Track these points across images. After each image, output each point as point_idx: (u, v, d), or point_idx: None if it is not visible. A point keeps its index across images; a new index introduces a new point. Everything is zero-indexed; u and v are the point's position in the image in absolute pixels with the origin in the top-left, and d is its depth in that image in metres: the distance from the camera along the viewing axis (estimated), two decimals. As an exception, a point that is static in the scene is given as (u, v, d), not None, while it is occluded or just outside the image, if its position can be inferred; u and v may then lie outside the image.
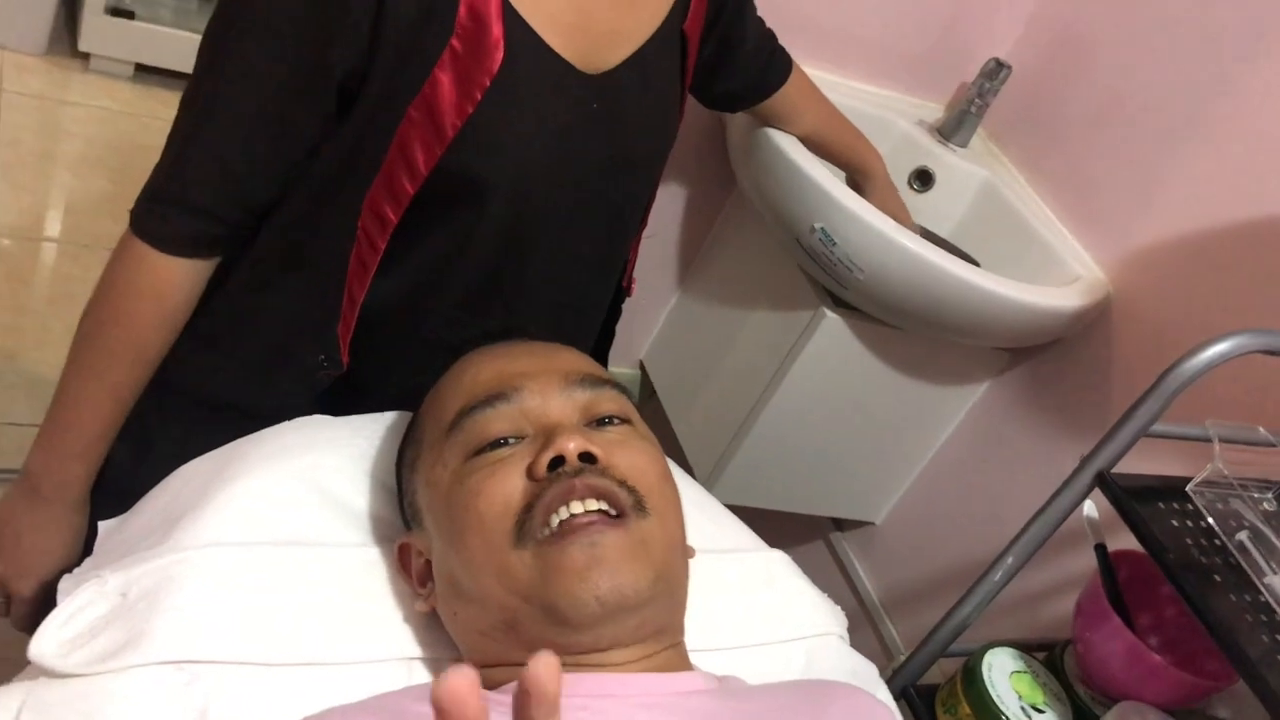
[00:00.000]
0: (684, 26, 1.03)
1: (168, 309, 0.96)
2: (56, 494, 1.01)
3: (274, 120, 0.90)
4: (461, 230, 0.96)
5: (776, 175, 1.48)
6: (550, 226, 1.01)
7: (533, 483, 0.81)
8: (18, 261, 2.22)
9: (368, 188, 0.92)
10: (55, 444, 1.00)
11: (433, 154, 0.90)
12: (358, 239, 0.95)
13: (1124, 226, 1.57)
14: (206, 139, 0.90)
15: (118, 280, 0.95)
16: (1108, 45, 1.64)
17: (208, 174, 0.92)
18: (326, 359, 0.99)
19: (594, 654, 0.80)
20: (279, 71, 0.87)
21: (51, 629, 0.81)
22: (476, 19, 0.87)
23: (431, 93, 0.88)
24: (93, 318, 0.97)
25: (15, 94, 2.58)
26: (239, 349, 1.01)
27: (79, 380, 0.99)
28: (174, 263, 0.94)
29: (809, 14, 1.63)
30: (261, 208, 0.95)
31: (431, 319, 1.02)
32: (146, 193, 0.94)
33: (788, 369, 1.65)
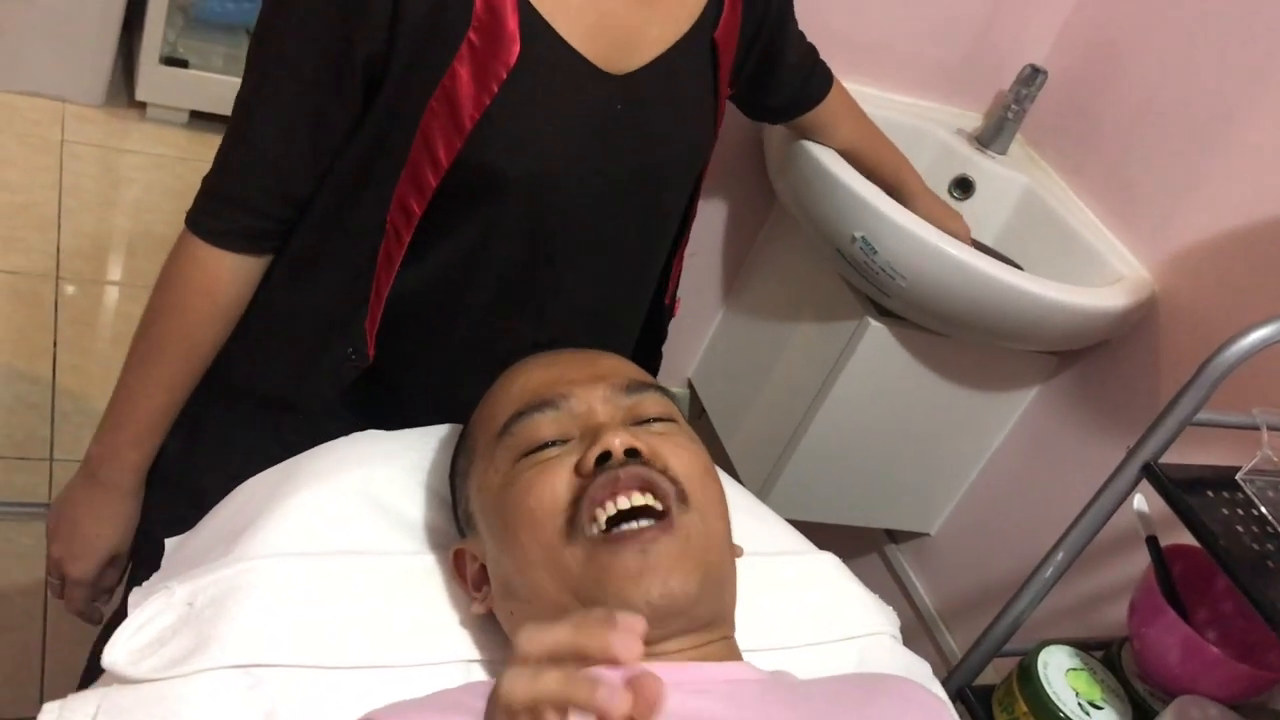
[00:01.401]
0: (714, 34, 1.05)
1: (219, 304, 1.01)
2: (113, 481, 1.06)
3: (310, 113, 0.94)
4: (483, 225, 0.99)
5: (815, 187, 1.50)
6: (577, 229, 1.03)
7: (580, 478, 0.83)
8: (82, 305, 2.29)
9: (395, 180, 0.96)
10: (113, 433, 1.05)
11: (453, 146, 0.93)
12: (385, 232, 0.98)
13: (1166, 225, 1.56)
14: (250, 136, 0.96)
15: (172, 275, 1.01)
16: (1142, 46, 1.64)
17: (252, 169, 0.96)
18: (354, 351, 1.03)
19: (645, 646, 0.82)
20: (309, 65, 0.92)
21: (123, 639, 0.85)
22: (492, 12, 0.90)
23: (451, 85, 0.91)
24: (149, 312, 1.03)
25: (76, 144, 2.67)
26: (278, 344, 1.05)
27: (135, 372, 1.04)
28: (225, 257, 0.99)
29: (845, 30, 1.65)
30: (303, 201, 0.99)
31: (461, 318, 1.04)
32: (202, 192, 0.99)
33: (834, 380, 1.66)
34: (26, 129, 2.65)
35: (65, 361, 2.13)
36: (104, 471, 1.06)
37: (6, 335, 2.13)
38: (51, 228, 2.41)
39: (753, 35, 1.14)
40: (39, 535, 1.80)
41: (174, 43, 2.76)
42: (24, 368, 2.08)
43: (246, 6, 2.81)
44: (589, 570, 0.80)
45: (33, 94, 2.72)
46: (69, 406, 2.04)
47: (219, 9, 2.80)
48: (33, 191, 2.48)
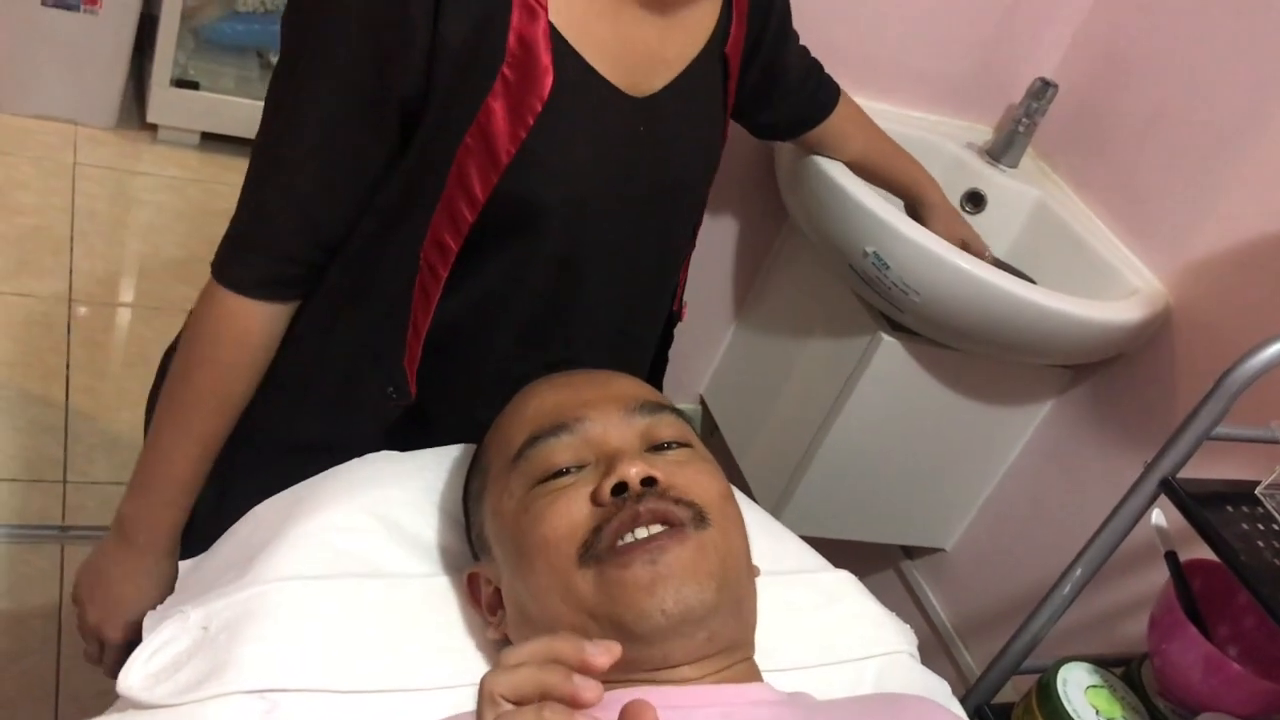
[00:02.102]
0: (725, 49, 1.05)
1: (252, 353, 0.99)
2: (149, 542, 1.04)
3: (345, 155, 0.93)
4: (519, 257, 0.98)
5: (826, 202, 1.50)
6: (604, 251, 1.03)
7: (597, 508, 0.82)
8: (95, 327, 2.30)
9: (430, 217, 0.95)
10: (147, 493, 1.03)
11: (489, 181, 0.92)
12: (420, 268, 0.97)
13: (1180, 237, 1.56)
14: (281, 181, 0.94)
15: (203, 328, 0.98)
16: (1152, 58, 1.64)
17: (286, 216, 0.95)
18: (395, 390, 1.01)
19: (665, 670, 0.82)
20: (345, 105, 0.90)
21: (138, 664, 0.84)
22: (526, 47, 0.90)
23: (486, 120, 0.91)
24: (180, 367, 1.00)
25: (89, 166, 2.68)
26: (312, 388, 1.04)
27: (169, 430, 1.02)
28: (257, 307, 0.97)
29: (854, 45, 1.65)
30: (335, 244, 0.97)
31: (493, 347, 1.04)
32: (227, 240, 0.97)
33: (848, 396, 1.65)
34: (39, 152, 2.66)
35: (78, 384, 2.13)
36: (140, 534, 1.03)
37: (20, 358, 2.13)
38: (64, 250, 2.42)
39: (754, 45, 1.14)
40: (53, 558, 1.82)
41: (185, 65, 2.78)
42: (37, 390, 2.09)
43: (256, 29, 2.83)
44: (601, 589, 0.80)
45: (45, 117, 2.74)
46: (82, 428, 2.04)
47: (229, 31, 2.81)
48: (45, 214, 2.49)
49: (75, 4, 2.60)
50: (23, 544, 1.83)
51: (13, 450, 1.96)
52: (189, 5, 2.68)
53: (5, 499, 1.88)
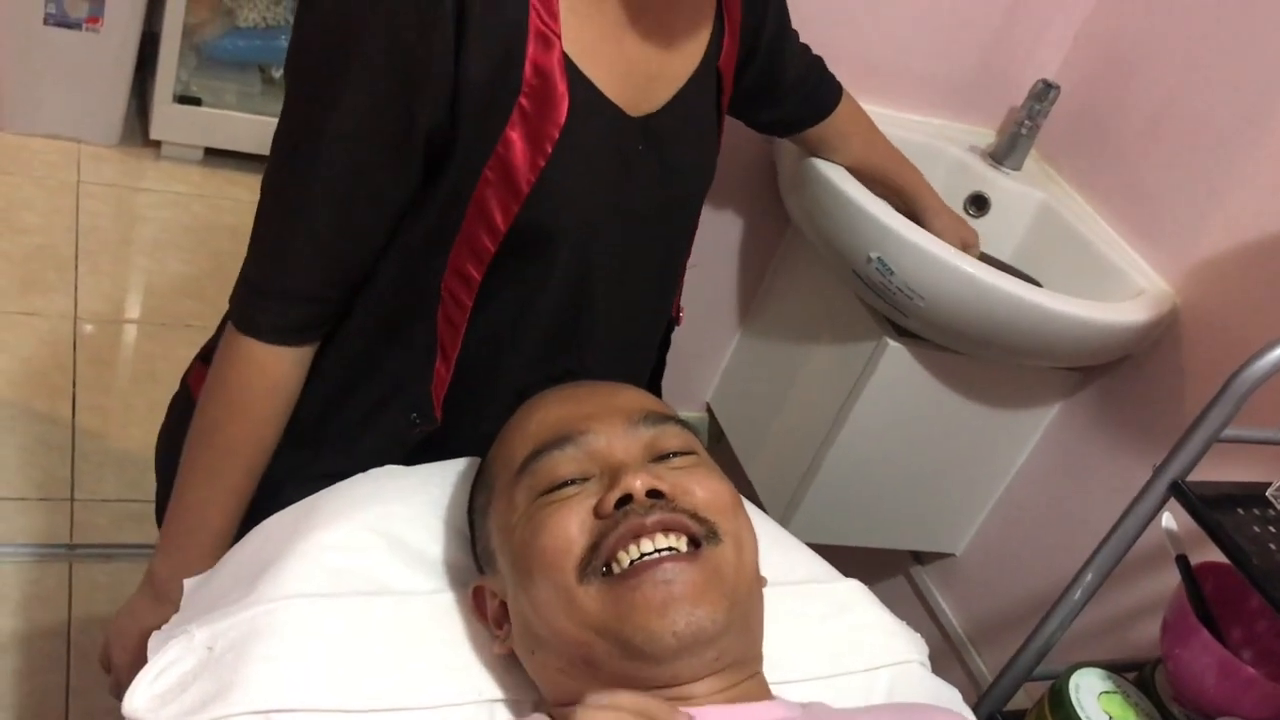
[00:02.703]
0: (719, 64, 1.05)
1: (284, 399, 0.99)
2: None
3: (370, 195, 0.92)
4: (535, 280, 0.98)
5: (828, 208, 1.49)
6: (610, 267, 1.03)
7: (599, 520, 0.82)
8: (101, 344, 2.30)
9: (450, 249, 0.94)
10: (183, 550, 1.02)
11: (510, 211, 0.92)
12: (443, 299, 0.97)
13: (1186, 237, 1.55)
14: (302, 225, 0.92)
15: (229, 379, 0.97)
16: (1155, 59, 1.63)
17: (309, 259, 0.93)
18: (420, 416, 1.01)
19: (673, 688, 0.81)
20: (369, 149, 0.89)
21: (143, 685, 0.84)
22: (542, 76, 0.89)
23: (505, 152, 0.90)
24: (209, 418, 0.99)
25: (93, 184, 2.69)
26: (334, 420, 1.03)
27: (202, 485, 1.00)
28: (283, 353, 0.96)
29: (855, 49, 1.65)
30: (360, 282, 0.97)
31: (511, 369, 1.03)
32: (247, 286, 0.95)
33: (854, 402, 1.65)
34: (43, 171, 2.67)
35: (85, 401, 2.13)
36: (175, 589, 1.00)
37: (26, 376, 2.13)
38: (69, 268, 2.42)
39: (749, 52, 1.14)
40: (61, 577, 1.81)
41: (187, 81, 2.78)
42: (43, 408, 2.09)
43: (258, 44, 2.83)
44: (608, 607, 0.79)
45: (48, 136, 2.74)
46: (89, 446, 2.04)
47: (231, 47, 2.82)
48: (50, 233, 2.49)
49: (77, 22, 2.61)
50: (31, 563, 1.83)
51: (20, 469, 1.96)
52: (190, 22, 2.68)
53: (13, 518, 1.88)
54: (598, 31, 0.94)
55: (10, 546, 1.83)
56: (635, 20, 0.95)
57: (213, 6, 2.78)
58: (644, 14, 0.96)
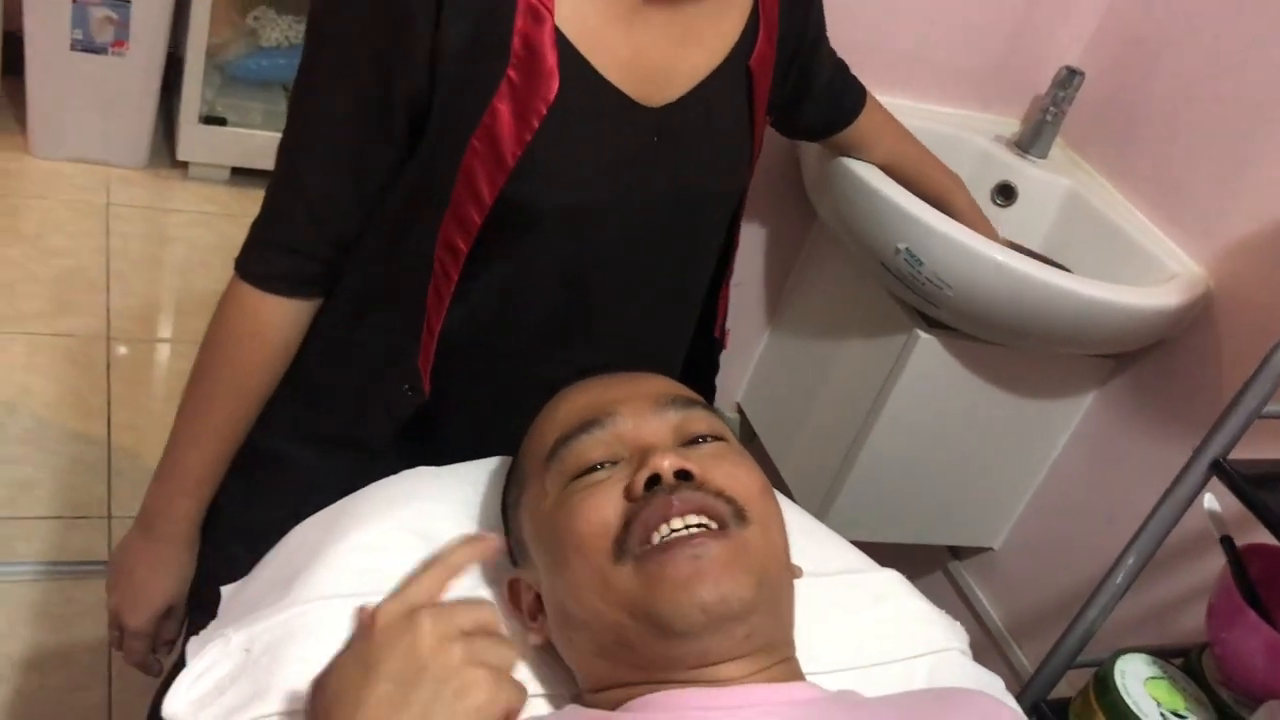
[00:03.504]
0: (749, 62, 1.04)
1: (269, 348, 1.02)
2: (167, 531, 1.07)
3: (353, 155, 0.95)
4: (525, 256, 0.99)
5: (855, 201, 1.48)
6: (616, 260, 1.03)
7: (630, 502, 0.81)
8: (133, 364, 2.32)
9: (440, 219, 0.95)
10: (167, 482, 1.06)
11: (495, 184, 0.93)
12: (433, 270, 0.98)
13: (1217, 218, 1.53)
14: (295, 181, 0.96)
15: (222, 322, 1.01)
16: (1179, 40, 1.62)
17: (298, 213, 0.97)
18: (410, 388, 1.03)
19: (705, 669, 0.80)
20: (350, 108, 0.93)
21: (182, 689, 0.84)
22: (531, 49, 0.90)
23: (492, 123, 0.91)
24: (200, 361, 1.03)
25: (122, 206, 2.71)
26: (333, 385, 1.06)
27: (188, 421, 1.05)
28: (274, 302, 0.99)
29: (878, 42, 1.64)
30: (348, 243, 0.99)
31: (505, 352, 1.04)
32: (249, 237, 1.00)
33: (887, 396, 1.64)
34: (73, 195, 2.70)
35: (119, 420, 2.15)
36: (158, 523, 1.07)
37: (61, 397, 2.15)
38: (101, 290, 2.44)
39: (788, 58, 1.13)
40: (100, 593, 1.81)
41: (212, 102, 2.81)
42: (79, 428, 2.10)
43: (281, 63, 2.86)
44: (639, 584, 0.78)
45: (78, 160, 2.78)
46: (124, 464, 2.06)
47: (254, 67, 2.84)
48: (81, 255, 2.52)
49: (103, 47, 2.63)
50: (69, 579, 1.84)
51: (57, 488, 1.98)
52: (214, 43, 2.71)
53: (50, 536, 1.90)
54: (602, 15, 0.93)
55: (49, 564, 1.85)
56: (646, 6, 0.95)
57: (235, 27, 2.81)
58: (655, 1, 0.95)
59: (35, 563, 1.85)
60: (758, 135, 1.12)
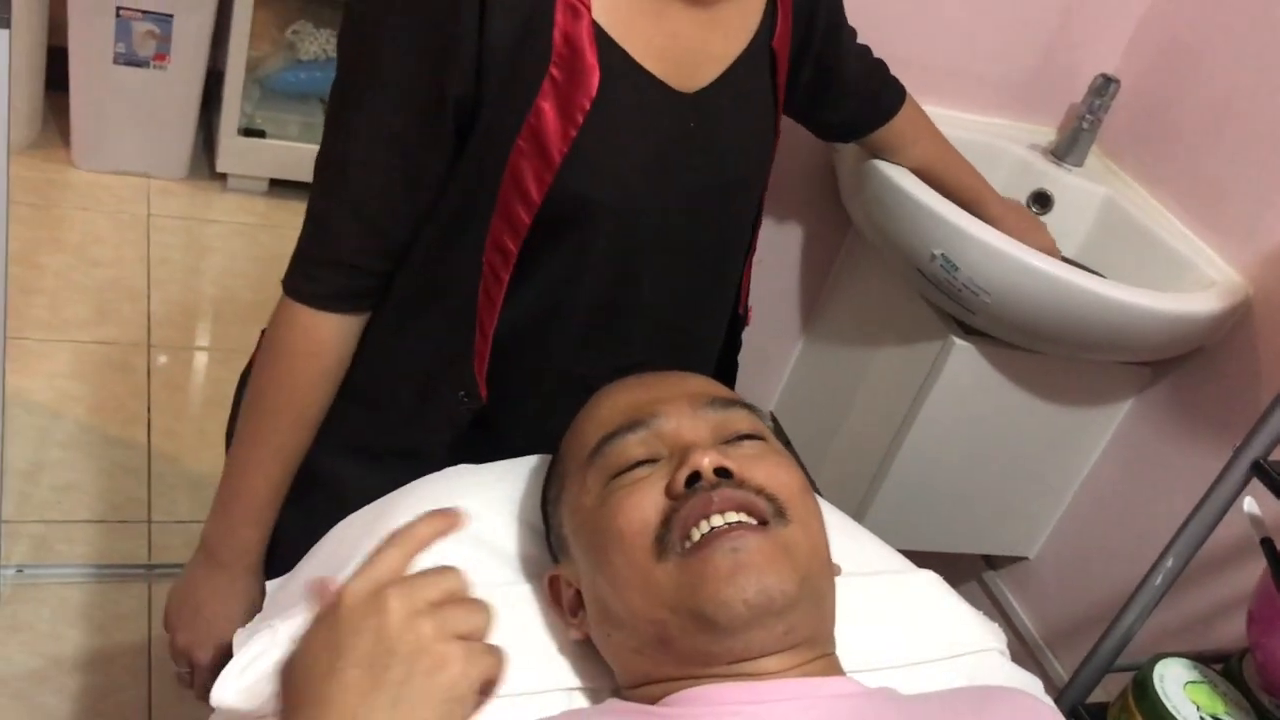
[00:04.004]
0: (772, 43, 1.05)
1: (325, 366, 1.01)
2: (233, 560, 1.06)
3: (405, 164, 0.94)
4: (575, 253, 0.99)
5: (890, 207, 1.49)
6: (659, 248, 1.03)
7: (671, 500, 0.82)
8: (173, 371, 2.35)
9: (488, 221, 0.96)
10: (229, 512, 1.05)
11: (543, 181, 0.93)
12: (483, 273, 0.98)
13: (1255, 226, 1.53)
14: (344, 196, 0.95)
15: (276, 343, 1.01)
16: (1216, 47, 1.61)
17: (350, 229, 0.96)
18: (466, 394, 1.03)
19: (746, 663, 0.81)
20: (402, 115, 0.92)
21: (230, 678, 0.85)
22: (572, 46, 0.91)
23: (537, 122, 0.92)
24: (255, 384, 1.03)
25: (162, 217, 2.75)
26: (388, 398, 1.05)
27: (247, 447, 1.04)
28: (327, 319, 0.99)
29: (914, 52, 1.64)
30: (400, 253, 0.99)
31: (555, 349, 1.04)
32: (296, 257, 0.99)
33: (922, 403, 1.64)
34: (115, 206, 2.74)
35: (159, 426, 2.18)
36: (224, 552, 1.06)
37: (102, 403, 2.18)
38: (141, 298, 2.48)
39: (804, 39, 1.14)
40: (140, 596, 1.85)
41: (251, 114, 2.84)
42: (120, 434, 2.13)
43: (318, 76, 2.89)
44: (681, 581, 0.79)
45: (119, 172, 2.82)
46: (164, 469, 2.09)
47: (293, 80, 2.88)
48: (122, 265, 2.56)
49: (145, 60, 2.68)
50: (111, 583, 1.86)
51: (98, 492, 2.00)
52: (253, 57, 2.75)
53: (93, 539, 1.92)
54: (634, 4, 0.94)
55: (91, 567, 1.88)
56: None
57: (274, 41, 2.85)
58: None
59: (77, 565, 1.87)
60: (779, 116, 1.13)
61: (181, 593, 1.09)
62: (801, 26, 1.12)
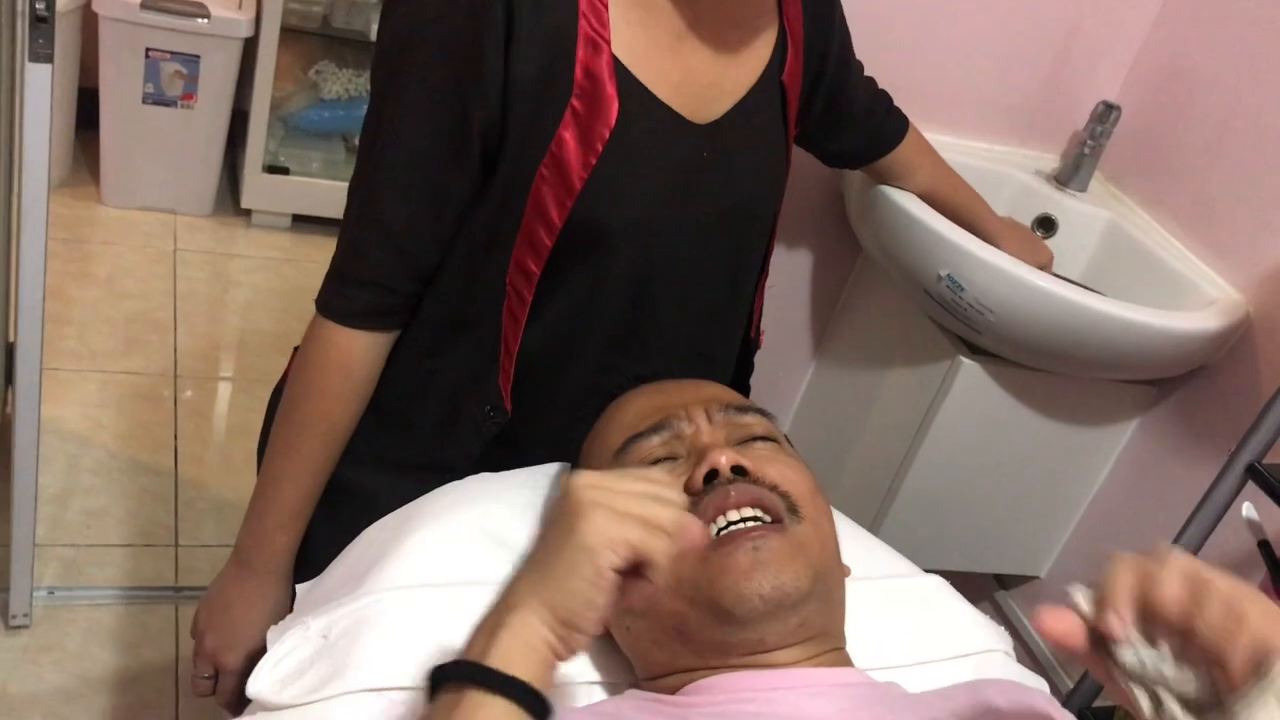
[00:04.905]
0: (782, 78, 1.11)
1: (355, 381, 1.06)
2: (264, 565, 1.10)
3: (431, 190, 0.99)
4: (593, 276, 1.04)
5: (896, 230, 1.53)
6: (675, 271, 1.08)
7: (690, 496, 0.86)
8: (199, 400, 2.40)
9: (512, 244, 1.00)
10: (261, 519, 1.09)
11: (564, 207, 0.98)
12: (508, 293, 1.03)
13: (1254, 246, 1.57)
14: (375, 218, 1.01)
15: (309, 359, 1.05)
16: (1214, 73, 1.66)
17: (380, 249, 1.01)
18: (493, 409, 1.07)
19: (761, 654, 0.85)
20: (429, 142, 0.97)
21: (265, 671, 0.90)
22: (592, 79, 0.96)
23: (559, 150, 0.96)
24: (288, 397, 1.07)
25: (188, 252, 2.82)
26: (417, 413, 1.10)
27: (279, 457, 1.08)
28: (357, 336, 1.04)
29: (919, 81, 1.69)
30: (428, 274, 1.04)
31: (575, 365, 1.09)
32: (329, 276, 1.04)
33: (931, 422, 1.67)
34: (142, 241, 2.81)
35: (186, 453, 2.23)
36: (254, 558, 1.10)
37: (131, 431, 2.24)
38: (168, 330, 2.54)
39: (815, 73, 1.19)
40: (168, 618, 1.89)
41: (275, 152, 2.92)
42: (148, 461, 2.18)
43: (340, 114, 2.96)
44: (701, 574, 0.83)
45: (147, 209, 2.89)
46: (191, 495, 2.13)
47: (315, 118, 2.95)
48: (150, 298, 2.62)
49: (173, 100, 2.75)
50: (139, 604, 1.90)
51: (127, 517, 2.05)
52: (277, 96, 2.82)
53: (122, 562, 1.97)
54: (652, 40, 0.99)
55: (120, 589, 1.92)
56: (691, 30, 1.01)
57: (298, 81, 2.92)
58: (698, 25, 1.01)
59: (107, 587, 1.92)
60: (789, 147, 1.18)
61: (213, 597, 1.13)
62: (813, 62, 1.17)
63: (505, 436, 1.10)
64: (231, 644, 1.11)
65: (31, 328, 1.57)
